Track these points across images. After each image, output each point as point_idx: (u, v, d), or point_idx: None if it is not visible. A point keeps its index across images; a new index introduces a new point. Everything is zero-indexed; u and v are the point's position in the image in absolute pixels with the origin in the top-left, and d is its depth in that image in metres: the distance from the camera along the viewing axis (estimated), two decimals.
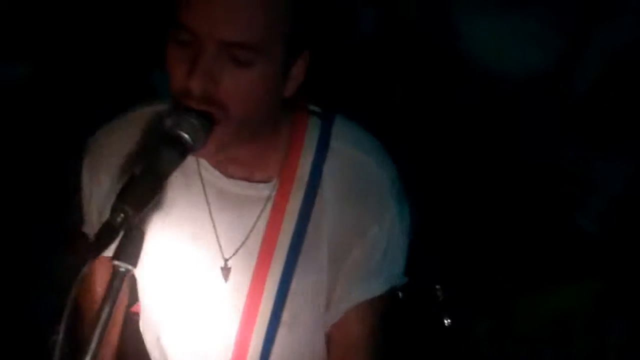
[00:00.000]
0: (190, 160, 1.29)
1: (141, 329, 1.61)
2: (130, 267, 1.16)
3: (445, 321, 1.98)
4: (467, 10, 2.63)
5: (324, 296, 1.46)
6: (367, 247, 1.42)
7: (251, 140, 1.34)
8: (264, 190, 1.41)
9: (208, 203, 1.42)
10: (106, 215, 1.37)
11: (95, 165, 1.47)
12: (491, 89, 2.59)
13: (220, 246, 1.44)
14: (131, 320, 1.64)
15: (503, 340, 2.43)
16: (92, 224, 1.52)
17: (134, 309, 1.64)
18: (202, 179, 1.42)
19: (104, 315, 1.16)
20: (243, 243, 1.43)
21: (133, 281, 1.54)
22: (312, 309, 1.47)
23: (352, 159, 1.42)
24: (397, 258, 1.46)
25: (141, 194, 1.15)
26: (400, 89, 2.71)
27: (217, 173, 1.41)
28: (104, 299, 1.17)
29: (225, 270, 1.45)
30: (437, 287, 1.97)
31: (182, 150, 1.21)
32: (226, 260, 1.44)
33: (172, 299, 1.50)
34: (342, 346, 1.49)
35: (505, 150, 2.56)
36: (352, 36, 2.68)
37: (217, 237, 1.44)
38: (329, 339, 1.51)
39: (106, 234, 1.13)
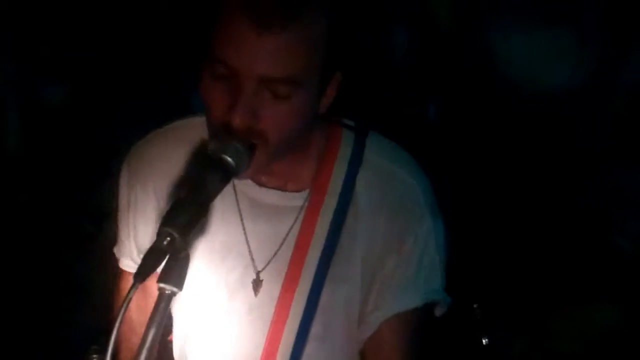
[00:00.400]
0: None
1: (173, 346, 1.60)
2: (176, 289, 1.16)
3: (483, 340, 1.97)
4: (500, 26, 2.62)
5: (357, 309, 1.44)
6: (402, 258, 1.41)
7: (286, 155, 1.35)
8: (297, 200, 1.41)
9: (240, 212, 1.42)
10: (142, 233, 1.41)
11: (133, 180, 1.47)
12: (524, 105, 2.59)
13: (252, 257, 1.44)
14: (165, 349, 1.63)
15: (539, 358, 2.42)
16: (126, 243, 1.52)
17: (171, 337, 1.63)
18: (234, 188, 1.41)
19: (149, 338, 1.16)
20: (275, 254, 1.43)
21: None
22: (344, 322, 1.45)
23: (386, 171, 1.42)
24: (434, 272, 1.44)
25: (187, 218, 1.15)
26: (433, 106, 2.70)
27: (250, 182, 1.40)
28: (150, 321, 1.17)
29: (257, 283, 1.44)
30: (475, 305, 1.96)
31: (226, 174, 1.22)
32: (258, 272, 1.44)
33: (202, 311, 1.49)
34: None
35: (541, 167, 2.54)
36: (386, 53, 2.68)
37: (249, 247, 1.43)
38: (363, 355, 1.48)
39: (153, 257, 1.13)
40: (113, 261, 1.60)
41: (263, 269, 1.44)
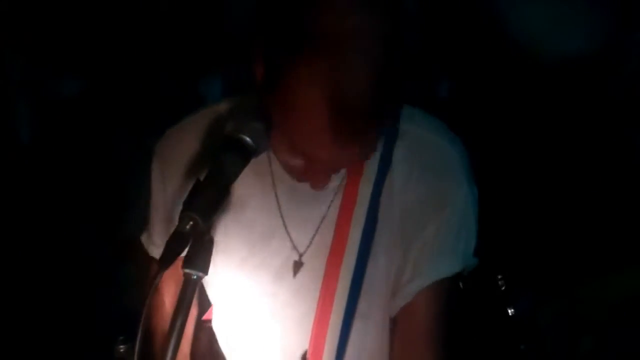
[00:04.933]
0: (262, 158, 1.29)
1: (215, 331, 1.60)
2: (201, 274, 1.15)
3: (509, 311, 1.96)
4: None
5: (393, 280, 1.44)
6: (441, 225, 1.40)
7: None
8: (334, 181, 1.38)
9: (277, 198, 1.41)
10: (173, 222, 1.38)
11: (163, 167, 1.46)
12: (539, 74, 2.56)
13: (292, 241, 1.43)
14: (203, 329, 1.64)
15: (568, 326, 2.40)
16: (155, 231, 1.52)
17: (205, 317, 1.63)
18: (272, 174, 1.40)
19: (177, 324, 1.16)
20: (314, 236, 1.41)
21: (201, 290, 1.54)
22: (383, 295, 1.44)
23: (423, 139, 1.40)
24: (469, 238, 1.43)
25: (208, 200, 1.14)
26: (446, 82, 2.69)
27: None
28: (177, 307, 1.16)
29: (298, 265, 1.43)
30: (499, 276, 1.94)
31: (246, 154, 1.20)
32: (300, 255, 1.43)
33: (245, 298, 1.49)
34: (407, 331, 1.45)
35: (562, 135, 2.52)
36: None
37: (287, 232, 1.42)
38: (395, 324, 1.48)
39: (176, 242, 1.12)
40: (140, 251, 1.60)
41: (304, 252, 1.43)
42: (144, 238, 1.56)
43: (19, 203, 2.84)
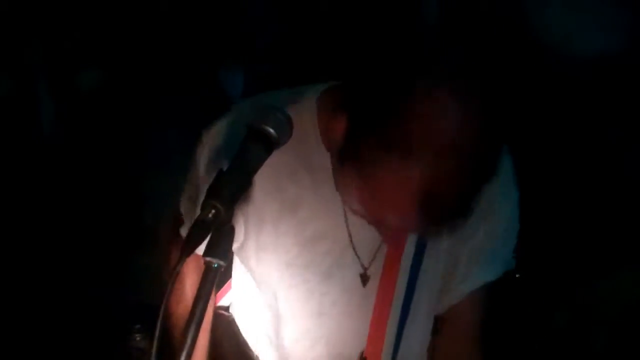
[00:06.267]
0: (317, 157, 1.30)
1: (241, 322, 1.61)
2: (222, 262, 1.14)
3: (525, 309, 1.96)
4: None
5: (440, 281, 1.46)
6: (489, 232, 1.42)
7: None
8: None
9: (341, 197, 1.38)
10: None
11: (208, 155, 1.45)
12: (563, 73, 2.55)
13: (354, 248, 1.42)
14: (220, 321, 1.64)
15: (584, 325, 2.39)
16: (189, 218, 1.51)
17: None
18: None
19: (198, 312, 1.15)
20: (379, 248, 1.42)
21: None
22: (430, 295, 1.47)
23: None
24: (513, 242, 1.46)
25: (230, 189, 1.14)
26: None
27: None
28: (197, 296, 1.15)
29: (365, 278, 1.44)
30: (517, 275, 1.94)
31: (268, 145, 1.20)
32: (366, 268, 1.44)
33: (290, 294, 1.48)
34: (454, 329, 1.49)
35: (581, 135, 2.51)
36: (415, 22, 2.66)
37: (350, 238, 1.42)
38: (441, 321, 1.51)
39: (198, 231, 1.12)
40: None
41: (370, 264, 1.43)
42: (183, 231, 1.54)
43: (40, 193, 2.85)
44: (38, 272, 2.68)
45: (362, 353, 1.47)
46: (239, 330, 1.61)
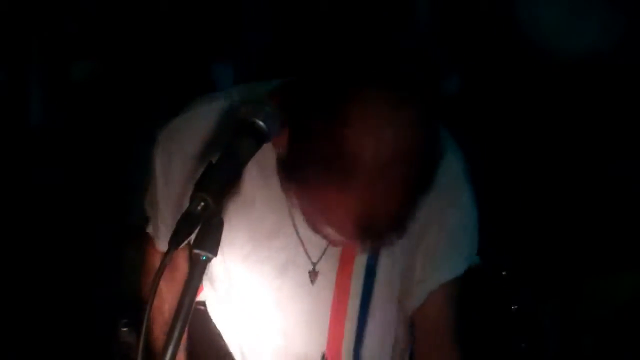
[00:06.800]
0: (267, 155, 1.29)
1: (212, 316, 1.61)
2: (211, 255, 1.14)
3: (512, 307, 1.96)
4: None
5: (399, 278, 1.45)
6: (444, 229, 1.41)
7: None
8: None
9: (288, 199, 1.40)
10: (180, 208, 1.36)
11: (169, 156, 1.45)
12: (550, 72, 2.56)
13: (303, 245, 1.43)
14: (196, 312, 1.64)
15: (570, 325, 2.40)
16: (161, 219, 1.51)
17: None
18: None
19: (185, 305, 1.14)
20: (328, 245, 1.41)
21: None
22: (387, 292, 1.46)
23: None
24: (472, 239, 1.46)
25: (219, 182, 1.13)
26: (456, 77, 2.68)
27: None
28: (185, 288, 1.15)
29: (313, 274, 1.45)
30: (504, 273, 1.95)
31: (258, 139, 1.20)
32: (314, 264, 1.44)
33: (248, 286, 1.49)
34: (425, 332, 1.48)
35: (569, 132, 2.52)
36: (408, 20, 2.66)
37: (298, 235, 1.42)
38: (414, 325, 1.50)
39: (186, 223, 1.11)
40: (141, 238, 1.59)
41: (319, 260, 1.44)
42: (150, 230, 1.55)
43: (25, 186, 2.84)
44: (25, 265, 2.67)
45: (323, 354, 1.48)
46: (212, 322, 1.62)
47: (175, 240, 1.10)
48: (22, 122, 2.91)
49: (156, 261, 1.58)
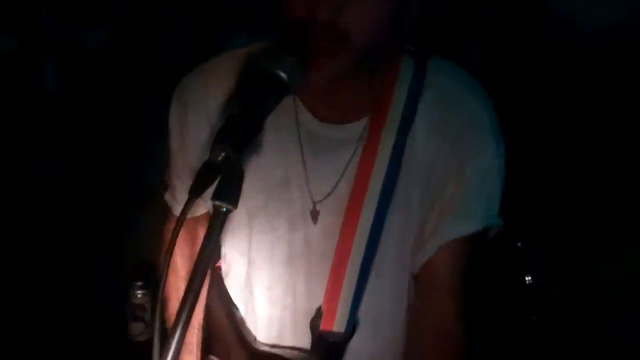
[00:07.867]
0: (285, 102, 1.26)
1: (224, 277, 1.59)
2: (231, 206, 1.12)
3: (526, 278, 1.95)
4: None
5: (412, 237, 1.41)
6: (463, 183, 1.37)
7: (359, 75, 1.31)
8: (356, 131, 1.37)
9: (301, 145, 1.39)
10: (197, 159, 1.34)
11: (185, 105, 1.43)
12: (576, 45, 2.53)
13: (309, 190, 1.41)
14: (216, 276, 1.63)
15: (585, 304, 2.39)
16: (176, 176, 1.49)
17: (218, 263, 1.62)
18: (297, 121, 1.39)
19: (204, 258, 1.12)
20: (334, 187, 1.39)
21: None
22: (400, 249, 1.42)
23: (450, 94, 1.36)
24: (493, 198, 1.40)
25: (241, 133, 1.12)
26: (478, 49, 2.66)
27: (310, 116, 1.38)
28: (204, 242, 1.13)
29: (314, 214, 1.41)
30: (519, 244, 1.93)
31: (280, 90, 1.19)
32: (315, 203, 1.41)
33: (259, 242, 1.47)
34: (428, 286, 1.43)
35: (587, 109, 2.50)
36: None
37: (307, 180, 1.40)
38: (416, 280, 1.45)
39: (207, 173, 1.10)
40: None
41: (321, 200, 1.41)
42: (167, 196, 1.53)
43: (38, 154, 2.84)
44: (38, 229, 2.67)
45: (320, 307, 1.44)
46: (225, 287, 1.59)
47: (195, 191, 1.09)
48: (37, 92, 2.90)
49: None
